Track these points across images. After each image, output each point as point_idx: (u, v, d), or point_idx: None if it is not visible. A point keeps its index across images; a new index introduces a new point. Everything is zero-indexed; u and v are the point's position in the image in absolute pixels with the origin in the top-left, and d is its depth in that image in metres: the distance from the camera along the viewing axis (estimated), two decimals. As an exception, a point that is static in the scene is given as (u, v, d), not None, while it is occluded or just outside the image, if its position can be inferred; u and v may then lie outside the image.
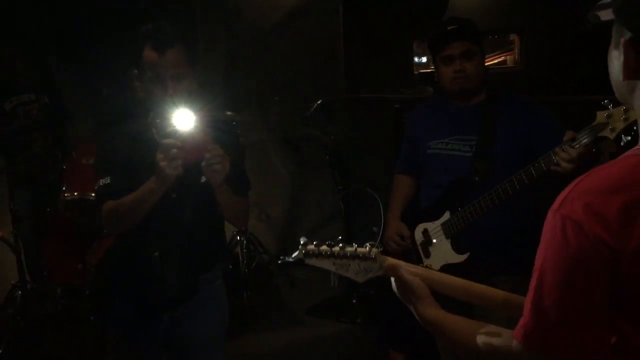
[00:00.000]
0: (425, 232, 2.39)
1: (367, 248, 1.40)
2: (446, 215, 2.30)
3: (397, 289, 1.39)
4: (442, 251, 2.31)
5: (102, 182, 1.98)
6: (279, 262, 4.24)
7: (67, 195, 3.49)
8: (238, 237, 4.20)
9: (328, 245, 1.43)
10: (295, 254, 1.45)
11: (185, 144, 1.79)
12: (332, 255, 1.41)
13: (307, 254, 1.44)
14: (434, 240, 2.36)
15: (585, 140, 1.82)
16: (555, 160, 1.91)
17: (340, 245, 1.41)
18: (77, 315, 3.74)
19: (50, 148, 4.04)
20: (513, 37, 6.83)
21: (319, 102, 3.87)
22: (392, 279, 1.40)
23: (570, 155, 1.86)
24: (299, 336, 3.71)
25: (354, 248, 1.41)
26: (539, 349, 1.02)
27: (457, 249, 2.28)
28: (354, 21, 4.28)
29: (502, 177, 2.10)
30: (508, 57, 6.89)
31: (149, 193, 1.85)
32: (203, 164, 1.82)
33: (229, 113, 4.13)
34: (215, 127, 1.96)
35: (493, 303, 1.34)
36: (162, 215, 1.91)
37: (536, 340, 1.02)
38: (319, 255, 1.43)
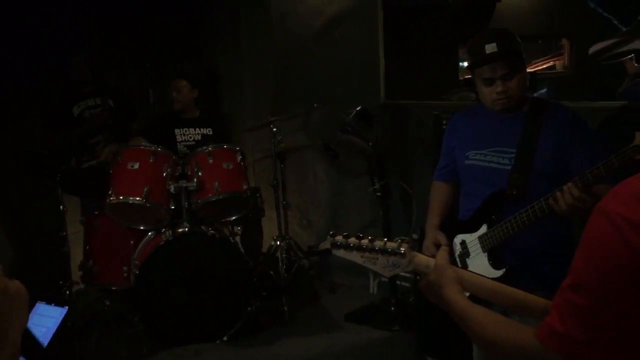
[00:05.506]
0: (463, 243, 2.35)
1: (397, 243, 1.38)
2: (483, 229, 2.26)
3: (426, 285, 1.35)
4: (479, 265, 2.26)
5: None
6: (307, 251, 4.26)
7: (112, 199, 3.59)
8: (278, 242, 4.25)
9: (357, 238, 1.41)
10: (323, 244, 1.44)
11: None
12: (360, 247, 1.39)
13: (335, 245, 1.42)
14: (472, 253, 2.32)
15: (617, 166, 1.83)
16: (584, 181, 1.93)
17: (370, 238, 1.39)
18: (122, 315, 3.85)
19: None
20: (563, 41, 6.72)
21: (357, 108, 3.88)
22: (419, 276, 1.37)
23: (572, 197, 1.92)
24: (337, 342, 3.71)
25: (383, 242, 1.39)
26: (559, 351, 0.99)
27: (494, 263, 2.23)
28: (394, 28, 4.29)
29: (540, 192, 2.07)
30: (557, 62, 6.79)
31: None
32: None
33: (272, 118, 4.20)
34: None
35: (530, 310, 1.30)
36: None
37: (557, 342, 1.00)
38: (346, 246, 1.41)
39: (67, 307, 1.23)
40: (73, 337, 3.65)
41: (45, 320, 1.25)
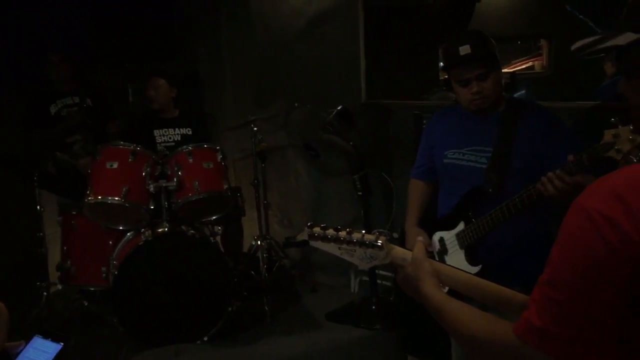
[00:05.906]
0: (442, 240, 2.39)
1: (375, 235, 1.38)
2: (461, 226, 2.30)
3: (403, 278, 1.35)
4: (457, 261, 2.30)
5: None
6: (284, 242, 4.25)
7: (91, 199, 3.55)
8: (259, 242, 4.23)
9: (335, 229, 1.41)
10: (300, 235, 1.44)
11: None
12: (338, 239, 1.39)
13: (312, 236, 1.42)
14: (449, 250, 2.35)
15: (586, 163, 1.84)
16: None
17: (347, 230, 1.39)
18: (100, 316, 3.81)
19: (90, 148, 4.20)
20: (542, 42, 6.80)
21: (338, 108, 3.88)
22: (398, 268, 1.37)
23: (557, 185, 1.91)
24: (318, 341, 3.70)
25: (361, 234, 1.39)
26: (536, 346, 0.99)
27: (471, 260, 2.27)
28: (375, 28, 4.30)
29: (516, 190, 2.10)
30: (536, 62, 6.86)
31: None
32: None
33: (252, 117, 4.18)
34: None
35: (509, 304, 1.30)
36: None
37: (534, 337, 0.99)
38: (324, 238, 1.41)
39: (62, 344, 1.20)
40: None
41: (38, 355, 1.24)
